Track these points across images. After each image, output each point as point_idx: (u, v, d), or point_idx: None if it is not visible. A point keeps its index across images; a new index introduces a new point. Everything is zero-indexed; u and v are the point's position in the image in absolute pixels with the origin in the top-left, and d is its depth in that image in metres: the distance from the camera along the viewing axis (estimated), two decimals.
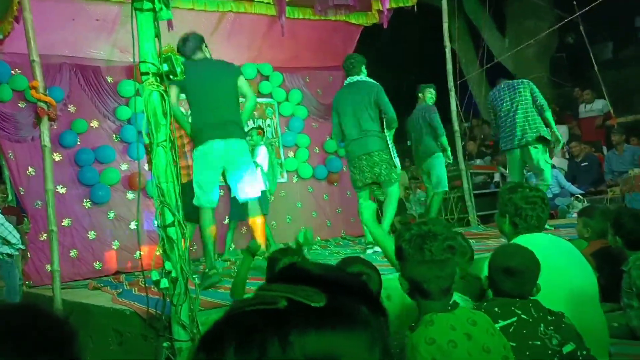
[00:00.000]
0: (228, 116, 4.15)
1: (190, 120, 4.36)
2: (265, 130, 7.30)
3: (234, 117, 4.22)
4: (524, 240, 2.39)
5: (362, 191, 5.21)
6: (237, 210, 5.84)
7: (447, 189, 6.51)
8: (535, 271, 2.05)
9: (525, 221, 2.55)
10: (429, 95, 6.54)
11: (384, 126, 5.13)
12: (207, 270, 4.04)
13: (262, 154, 6.25)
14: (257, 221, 4.34)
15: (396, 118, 5.09)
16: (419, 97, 6.64)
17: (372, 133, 5.08)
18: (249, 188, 4.27)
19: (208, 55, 4.32)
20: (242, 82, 4.31)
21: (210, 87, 4.12)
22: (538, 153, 5.50)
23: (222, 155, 4.09)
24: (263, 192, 5.10)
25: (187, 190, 5.44)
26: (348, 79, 5.24)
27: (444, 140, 6.28)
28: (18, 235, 5.36)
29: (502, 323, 1.92)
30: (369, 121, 5.07)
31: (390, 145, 5.16)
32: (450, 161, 6.53)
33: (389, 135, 5.16)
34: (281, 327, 0.56)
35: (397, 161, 5.23)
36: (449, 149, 6.35)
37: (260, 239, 4.26)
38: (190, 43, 4.23)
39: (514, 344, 1.84)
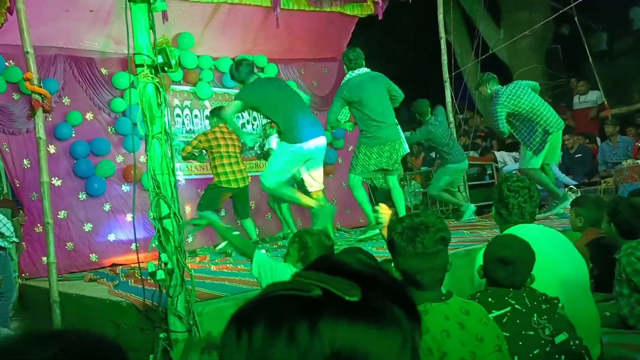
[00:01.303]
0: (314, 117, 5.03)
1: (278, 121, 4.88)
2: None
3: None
4: (514, 231, 2.41)
5: (363, 175, 5.37)
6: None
7: None
8: (529, 262, 2.06)
9: (507, 209, 2.57)
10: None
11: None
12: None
13: (275, 142, 6.47)
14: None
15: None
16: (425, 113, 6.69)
17: (396, 122, 5.38)
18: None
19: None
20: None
21: (291, 96, 4.90)
22: None
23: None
24: None
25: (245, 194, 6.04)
26: (359, 70, 5.28)
27: None
28: (12, 228, 5.34)
29: (495, 313, 1.94)
30: (391, 108, 5.35)
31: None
32: None
33: None
34: (312, 314, 0.57)
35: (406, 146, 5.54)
36: None
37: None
38: (244, 68, 4.86)
39: (508, 334, 1.86)
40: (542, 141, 5.64)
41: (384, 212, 2.52)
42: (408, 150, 5.71)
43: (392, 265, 1.85)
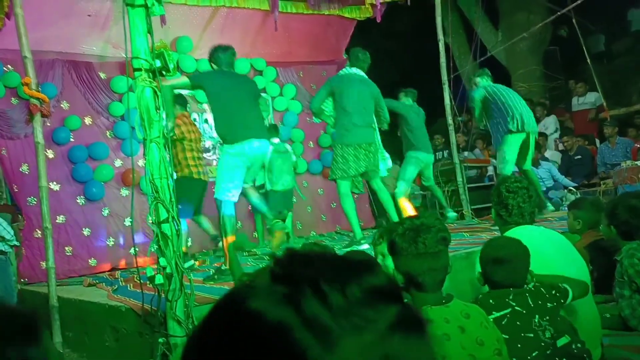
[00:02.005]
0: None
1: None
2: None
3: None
4: (515, 232, 2.40)
5: (347, 180, 5.15)
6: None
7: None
8: (524, 258, 2.06)
9: (506, 210, 2.57)
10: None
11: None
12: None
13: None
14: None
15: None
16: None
17: (374, 125, 5.30)
18: None
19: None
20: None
21: (241, 97, 4.49)
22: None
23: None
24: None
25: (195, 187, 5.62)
26: (355, 69, 5.24)
27: None
28: (12, 232, 5.34)
29: (495, 314, 1.94)
30: (372, 114, 5.27)
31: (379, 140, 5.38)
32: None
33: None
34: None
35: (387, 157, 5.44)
36: None
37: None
38: (228, 57, 4.51)
39: (507, 336, 1.85)
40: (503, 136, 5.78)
41: None
42: (390, 166, 5.56)
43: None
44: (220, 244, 5.54)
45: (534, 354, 1.88)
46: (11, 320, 0.92)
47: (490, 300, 2.00)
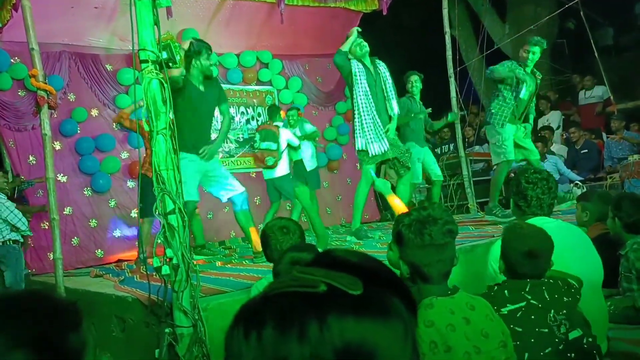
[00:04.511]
0: None
1: None
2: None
3: None
4: (534, 223, 2.39)
5: None
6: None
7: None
8: (551, 250, 2.05)
9: (525, 201, 2.57)
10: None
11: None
12: None
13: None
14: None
15: None
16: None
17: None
18: None
19: None
20: None
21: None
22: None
23: None
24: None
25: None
26: None
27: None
28: (27, 222, 5.39)
29: (510, 307, 1.92)
30: None
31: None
32: None
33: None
34: (320, 310, 0.58)
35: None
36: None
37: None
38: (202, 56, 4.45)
39: (520, 329, 1.84)
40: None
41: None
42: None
43: None
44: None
45: (547, 351, 1.86)
46: (54, 307, 0.95)
47: (506, 292, 1.98)
